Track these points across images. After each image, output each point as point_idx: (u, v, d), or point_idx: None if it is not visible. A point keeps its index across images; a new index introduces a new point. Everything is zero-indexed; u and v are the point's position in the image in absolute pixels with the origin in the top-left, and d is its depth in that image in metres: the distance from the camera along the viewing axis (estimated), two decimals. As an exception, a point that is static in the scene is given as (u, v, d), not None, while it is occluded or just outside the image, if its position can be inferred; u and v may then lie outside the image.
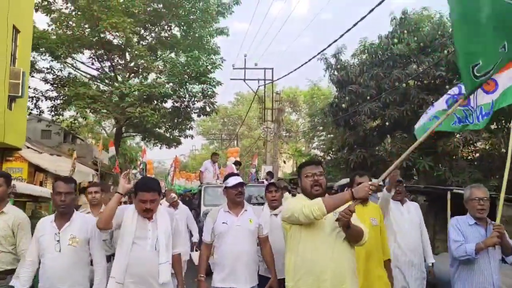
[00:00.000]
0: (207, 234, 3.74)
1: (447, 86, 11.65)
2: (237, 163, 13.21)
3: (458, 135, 11.31)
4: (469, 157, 13.46)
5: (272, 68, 21.48)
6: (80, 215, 3.39)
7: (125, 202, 9.79)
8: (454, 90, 4.44)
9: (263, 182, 11.54)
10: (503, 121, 12.56)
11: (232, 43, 69.76)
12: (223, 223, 3.68)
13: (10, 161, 11.72)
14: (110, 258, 4.30)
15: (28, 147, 12.84)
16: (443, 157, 12.36)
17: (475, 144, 12.54)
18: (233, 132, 40.66)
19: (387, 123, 12.98)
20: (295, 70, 19.75)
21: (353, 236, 2.83)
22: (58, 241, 3.11)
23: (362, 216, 3.42)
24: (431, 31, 12.16)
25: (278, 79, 21.37)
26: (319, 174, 2.93)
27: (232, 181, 3.74)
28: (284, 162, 23.87)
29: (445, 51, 11.60)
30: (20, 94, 11.06)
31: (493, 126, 11.97)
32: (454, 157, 12.47)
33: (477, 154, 13.36)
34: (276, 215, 4.19)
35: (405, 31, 12.48)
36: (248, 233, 3.69)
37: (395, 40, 12.33)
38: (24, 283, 3.10)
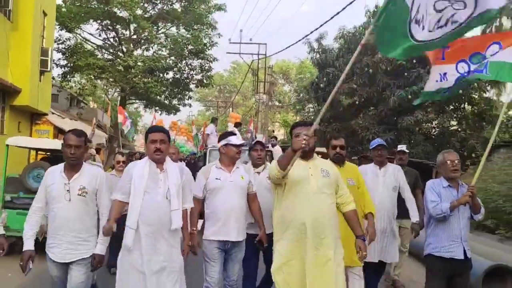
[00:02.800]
0: (199, 190, 3.82)
1: (405, 73, 13.90)
2: (237, 125, 13.19)
3: (418, 114, 13.51)
4: (428, 133, 15.80)
5: (266, 44, 23.58)
6: (88, 167, 3.45)
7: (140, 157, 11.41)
8: (464, 68, 4.36)
9: (267, 146, 11.62)
10: (454, 104, 14.88)
11: (230, 11, 70.40)
12: (216, 179, 3.81)
13: (39, 124, 13.98)
14: None
15: (53, 113, 15.06)
16: (404, 132, 14.71)
17: (430, 122, 14.85)
18: (229, 100, 42.70)
19: (357, 102, 15.23)
20: (284, 49, 21.80)
21: None
22: (68, 191, 3.22)
23: None
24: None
25: (270, 55, 23.37)
26: (303, 134, 2.95)
27: (236, 140, 3.90)
28: (273, 131, 26.16)
29: (407, 43, 13.73)
30: (48, 69, 13.24)
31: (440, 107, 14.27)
32: (412, 133, 14.81)
33: (434, 131, 15.71)
34: (258, 173, 4.27)
35: (376, 24, 14.57)
36: (240, 189, 3.83)
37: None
38: (32, 226, 3.28)
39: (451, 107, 15.40)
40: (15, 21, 11.61)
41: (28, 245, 3.22)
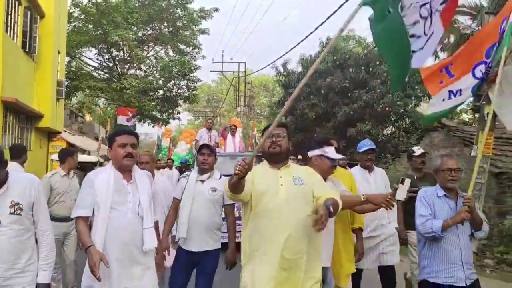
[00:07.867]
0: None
1: (349, 94, 17.29)
2: (232, 128, 12.77)
3: (359, 126, 16.88)
4: (373, 140, 19.19)
5: (245, 62, 27.16)
6: (17, 176, 2.61)
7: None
8: (481, 70, 4.16)
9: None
10: (396, 116, 18.30)
11: (215, 31, 74.27)
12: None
13: (54, 141, 17.12)
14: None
15: (65, 131, 18.27)
16: (352, 140, 18.10)
17: (370, 132, 18.27)
18: (216, 109, 46.14)
19: (313, 116, 18.65)
20: (257, 71, 25.48)
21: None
22: None
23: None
24: (342, 55, 17.75)
25: (249, 74, 26.93)
26: (277, 135, 2.73)
27: (334, 153, 3.27)
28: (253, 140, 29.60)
29: (350, 70, 17.18)
30: (62, 96, 16.48)
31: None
32: (360, 140, 18.17)
33: (379, 139, 19.12)
34: (202, 181, 3.76)
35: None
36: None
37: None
38: None
39: (393, 118, 18.86)
40: (38, 62, 14.78)
41: None
